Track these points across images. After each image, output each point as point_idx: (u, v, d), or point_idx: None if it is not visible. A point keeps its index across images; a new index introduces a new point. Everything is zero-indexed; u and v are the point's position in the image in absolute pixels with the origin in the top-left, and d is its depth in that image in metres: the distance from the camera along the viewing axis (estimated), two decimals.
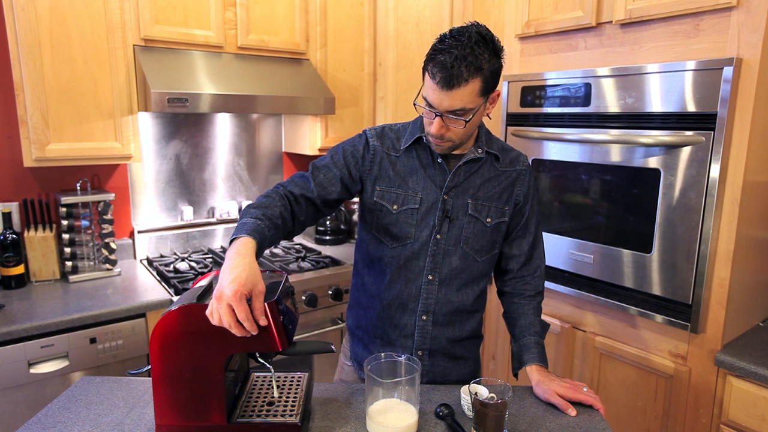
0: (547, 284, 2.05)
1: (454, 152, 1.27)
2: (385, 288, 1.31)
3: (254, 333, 0.94)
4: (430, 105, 1.14)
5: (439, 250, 1.26)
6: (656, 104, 1.66)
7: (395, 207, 1.27)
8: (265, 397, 1.14)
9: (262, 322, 0.95)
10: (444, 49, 1.09)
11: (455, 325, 1.32)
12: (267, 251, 2.59)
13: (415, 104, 1.19)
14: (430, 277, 1.28)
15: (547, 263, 2.03)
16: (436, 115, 1.13)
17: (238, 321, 0.92)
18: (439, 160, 1.25)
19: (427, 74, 1.13)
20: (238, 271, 0.94)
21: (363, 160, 1.29)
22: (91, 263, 2.19)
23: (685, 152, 1.60)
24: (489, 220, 1.28)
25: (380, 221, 1.29)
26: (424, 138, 1.26)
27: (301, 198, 1.23)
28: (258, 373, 1.25)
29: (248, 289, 0.93)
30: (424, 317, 1.29)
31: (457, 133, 1.17)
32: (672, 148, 1.63)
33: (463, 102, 1.11)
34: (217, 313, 0.92)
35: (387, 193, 1.28)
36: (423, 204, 1.26)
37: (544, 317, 2.07)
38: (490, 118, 1.27)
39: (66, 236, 2.12)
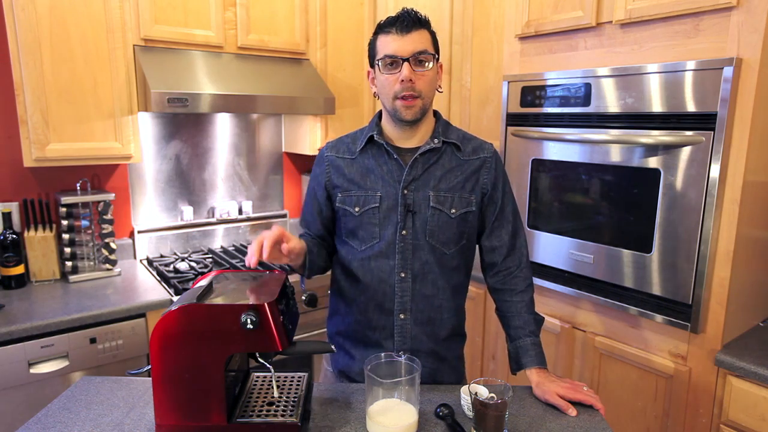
0: (547, 284, 2.05)
1: (410, 145, 1.28)
2: (360, 291, 1.31)
3: (251, 262, 1.06)
4: (393, 57, 1.18)
5: (406, 246, 1.26)
6: (656, 104, 1.66)
7: (357, 209, 1.28)
8: (265, 397, 1.14)
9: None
10: (390, 16, 1.21)
11: (435, 323, 1.31)
12: None
13: (376, 64, 1.23)
14: (402, 275, 1.27)
15: (547, 263, 2.04)
16: (403, 61, 1.18)
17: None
18: (395, 156, 1.26)
19: (380, 38, 1.21)
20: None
21: (322, 175, 1.34)
22: (91, 263, 2.19)
23: (685, 152, 1.60)
24: (453, 211, 1.27)
25: (347, 226, 1.31)
26: (375, 136, 1.28)
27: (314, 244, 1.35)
28: (258, 373, 1.25)
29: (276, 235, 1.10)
30: (402, 316, 1.29)
31: (424, 83, 1.21)
32: (672, 148, 1.63)
33: (423, 44, 1.19)
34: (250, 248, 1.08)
35: (347, 197, 1.30)
36: (383, 202, 1.26)
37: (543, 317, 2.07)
38: (441, 91, 1.29)
39: (66, 236, 2.12)
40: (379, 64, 1.21)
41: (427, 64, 1.20)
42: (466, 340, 1.43)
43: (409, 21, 1.18)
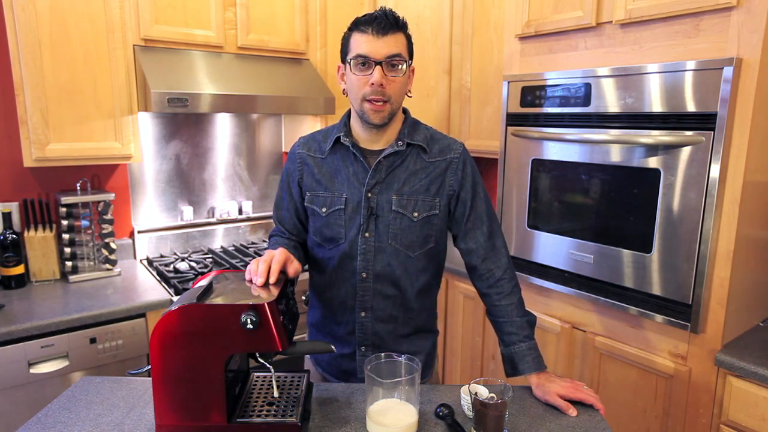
0: (547, 284, 2.05)
1: (376, 147, 1.27)
2: (326, 288, 1.34)
3: (258, 282, 1.07)
4: (365, 58, 1.17)
5: (369, 248, 1.27)
6: (656, 104, 1.66)
7: (324, 210, 1.29)
8: (265, 397, 1.14)
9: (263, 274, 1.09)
10: (369, 14, 1.18)
11: (398, 321, 1.31)
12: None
13: (347, 62, 1.20)
14: (363, 275, 1.28)
15: (547, 263, 2.04)
16: (376, 64, 1.16)
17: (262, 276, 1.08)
18: (360, 158, 1.26)
19: (355, 36, 1.18)
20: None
21: (295, 172, 1.34)
22: (91, 263, 2.19)
23: (685, 152, 1.60)
24: (416, 214, 1.26)
25: (315, 225, 1.32)
26: (341, 137, 1.27)
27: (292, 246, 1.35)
28: (258, 373, 1.25)
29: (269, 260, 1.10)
30: (363, 314, 1.30)
31: (395, 89, 1.19)
32: (672, 148, 1.63)
33: (398, 48, 1.17)
34: (255, 264, 1.09)
35: (315, 197, 1.31)
36: (348, 204, 1.27)
37: (544, 317, 2.08)
38: (410, 96, 1.28)
39: (66, 236, 2.12)
40: (351, 62, 1.19)
41: (399, 67, 1.19)
42: (437, 336, 1.43)
43: (386, 23, 1.16)
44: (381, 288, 1.29)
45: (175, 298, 1.93)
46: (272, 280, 1.07)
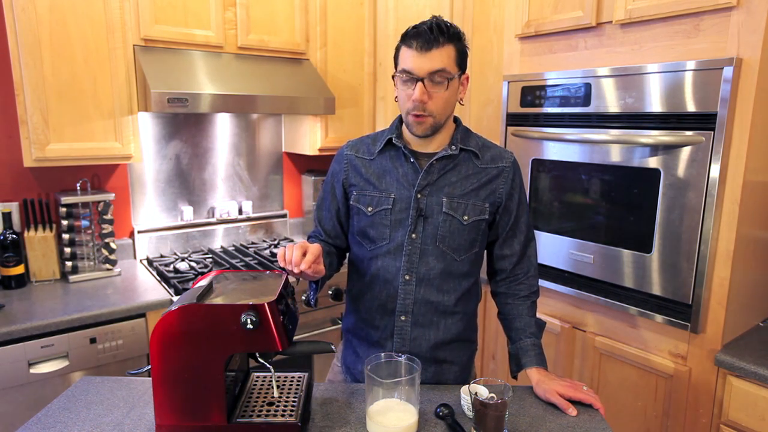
0: (547, 284, 2.05)
1: (427, 150, 1.27)
2: (366, 290, 1.32)
3: (295, 270, 1.08)
4: (409, 74, 1.17)
5: (414, 249, 1.26)
6: (656, 104, 1.66)
7: (369, 209, 1.29)
8: (265, 397, 1.14)
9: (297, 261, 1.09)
10: (417, 26, 1.17)
11: (438, 327, 1.30)
12: (267, 251, 2.60)
13: (393, 77, 1.23)
14: (406, 277, 1.27)
15: (547, 263, 2.04)
16: (418, 80, 1.16)
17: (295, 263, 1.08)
18: (411, 160, 1.26)
19: (403, 49, 1.19)
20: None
21: (341, 173, 1.35)
22: (91, 263, 2.19)
23: (685, 152, 1.60)
24: (466, 218, 1.26)
25: (359, 224, 1.32)
26: (393, 138, 1.28)
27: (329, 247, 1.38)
28: (258, 373, 1.25)
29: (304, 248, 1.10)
30: (403, 318, 1.29)
31: (438, 104, 1.18)
32: (672, 148, 1.63)
33: (442, 63, 1.15)
34: (290, 250, 1.08)
35: (362, 196, 1.30)
36: (396, 204, 1.26)
37: (544, 317, 2.07)
38: (462, 104, 1.28)
39: (66, 236, 2.12)
40: (397, 76, 1.21)
41: (442, 83, 1.17)
42: (475, 348, 1.41)
43: (430, 38, 1.14)
44: (423, 292, 1.27)
45: (175, 298, 1.94)
46: (304, 267, 1.07)
